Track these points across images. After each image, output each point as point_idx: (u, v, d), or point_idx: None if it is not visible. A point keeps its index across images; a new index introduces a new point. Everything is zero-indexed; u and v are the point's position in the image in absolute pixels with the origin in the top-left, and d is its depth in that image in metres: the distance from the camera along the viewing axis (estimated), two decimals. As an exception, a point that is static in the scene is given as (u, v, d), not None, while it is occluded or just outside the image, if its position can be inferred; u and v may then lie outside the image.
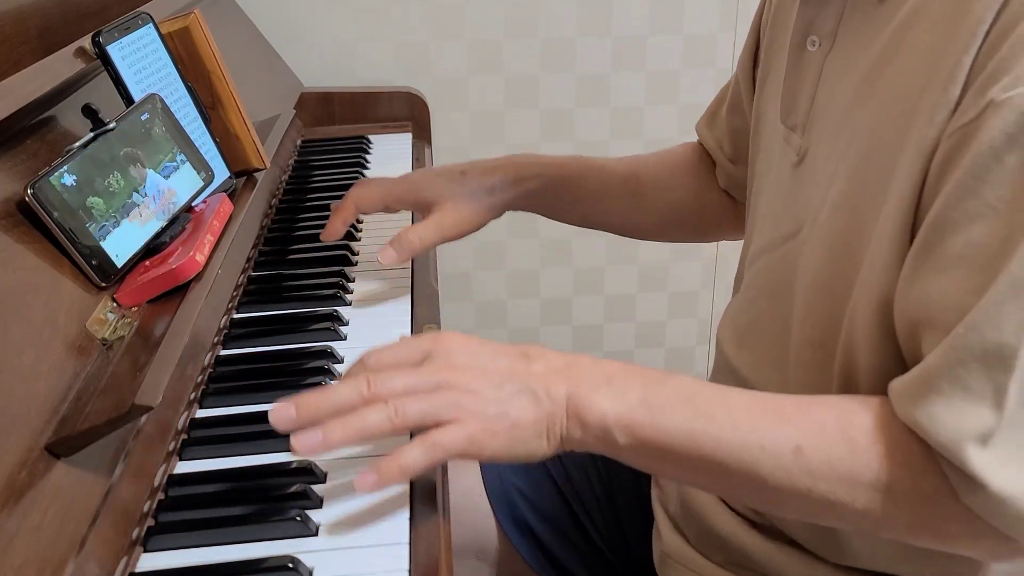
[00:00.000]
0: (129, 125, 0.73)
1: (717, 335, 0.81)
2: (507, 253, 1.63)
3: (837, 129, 0.65)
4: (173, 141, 0.78)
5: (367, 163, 1.25)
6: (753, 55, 0.83)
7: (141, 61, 0.80)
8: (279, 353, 0.78)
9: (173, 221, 0.75)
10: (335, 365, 0.76)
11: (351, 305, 0.86)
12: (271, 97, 1.26)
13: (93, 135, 0.70)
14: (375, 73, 1.48)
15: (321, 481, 0.62)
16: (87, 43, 0.76)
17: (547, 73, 1.52)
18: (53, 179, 0.64)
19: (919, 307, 0.55)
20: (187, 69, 0.86)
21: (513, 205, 0.90)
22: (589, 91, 1.54)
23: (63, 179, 0.65)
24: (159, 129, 0.77)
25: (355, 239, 1.00)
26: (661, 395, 0.59)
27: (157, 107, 0.77)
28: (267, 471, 0.63)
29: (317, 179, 1.17)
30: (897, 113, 0.58)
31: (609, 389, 0.59)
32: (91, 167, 0.68)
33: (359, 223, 1.04)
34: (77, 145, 0.68)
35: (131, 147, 0.73)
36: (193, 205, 0.80)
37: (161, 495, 0.61)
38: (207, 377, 0.74)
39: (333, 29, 1.46)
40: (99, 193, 0.68)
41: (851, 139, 0.62)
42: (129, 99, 0.78)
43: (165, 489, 0.62)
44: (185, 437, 0.67)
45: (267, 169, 0.94)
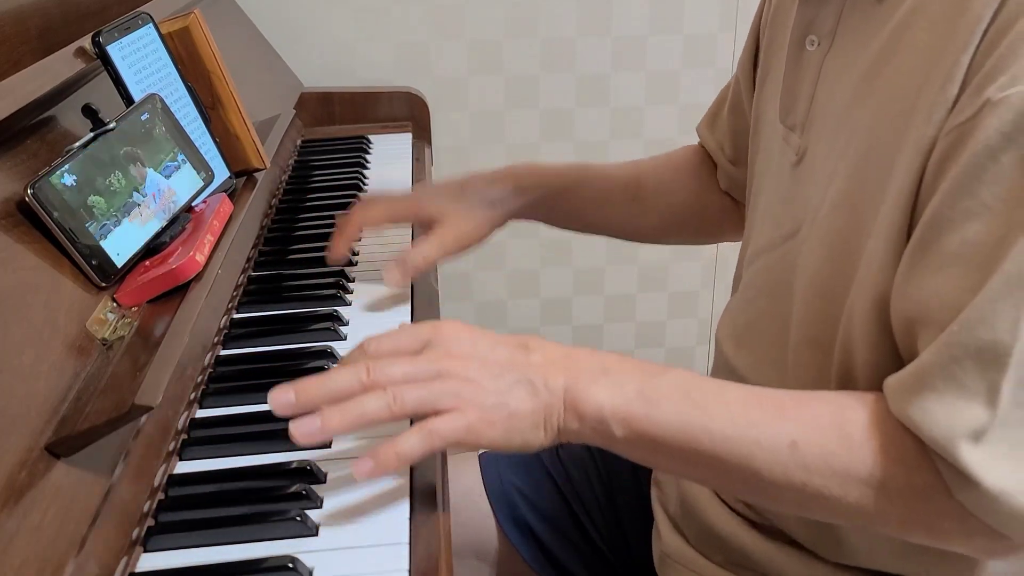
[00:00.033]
0: (129, 125, 0.73)
1: (716, 335, 0.81)
2: (507, 253, 1.63)
3: (836, 128, 0.65)
4: (173, 141, 0.78)
5: (367, 163, 1.25)
6: (753, 55, 0.83)
7: (141, 61, 0.80)
8: (279, 353, 0.78)
9: (173, 221, 0.75)
10: (335, 365, 0.75)
11: (351, 305, 0.86)
12: (271, 97, 1.26)
13: (93, 135, 0.70)
14: (375, 73, 1.48)
15: (321, 481, 0.62)
16: (87, 43, 0.76)
17: (547, 73, 1.52)
18: (53, 179, 0.64)
19: (915, 305, 0.56)
20: (187, 69, 0.86)
21: (515, 216, 0.91)
22: (589, 91, 1.54)
23: (63, 179, 0.65)
24: (159, 129, 0.77)
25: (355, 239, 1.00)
26: (658, 388, 0.60)
27: (157, 107, 0.77)
28: (267, 471, 0.63)
29: (317, 179, 1.17)
30: (896, 112, 0.58)
31: (606, 381, 0.60)
32: (91, 167, 0.68)
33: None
34: (77, 145, 0.68)
35: (131, 147, 0.73)
36: (193, 205, 0.80)
37: (161, 495, 0.61)
38: (207, 377, 0.74)
39: (333, 29, 1.46)
40: (99, 193, 0.68)
41: (850, 138, 0.62)
42: (129, 99, 0.78)
43: (165, 489, 0.62)
44: (185, 437, 0.67)
45: (267, 169, 0.94)
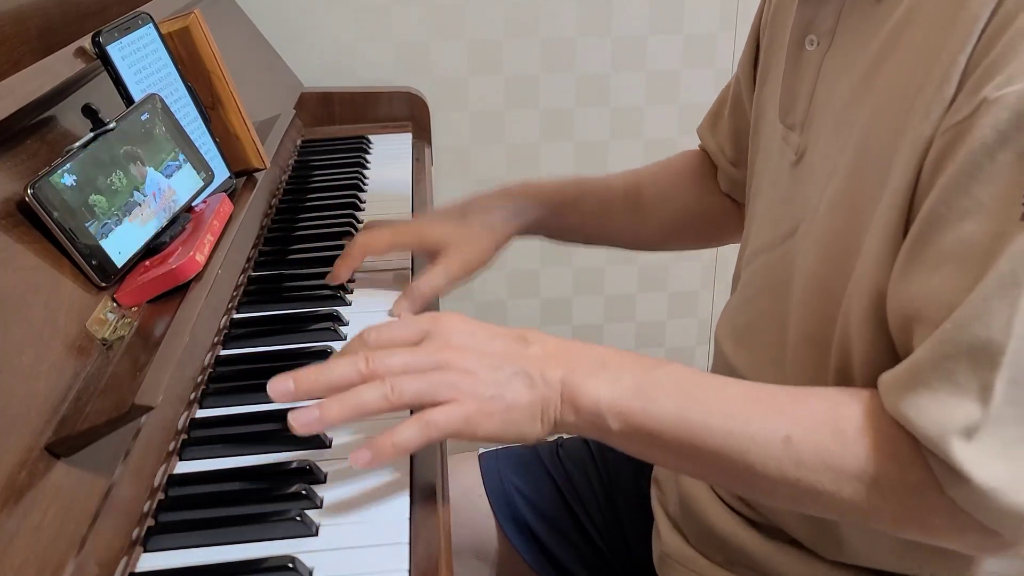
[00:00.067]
0: (129, 125, 0.73)
1: (715, 334, 0.81)
2: (507, 253, 1.61)
3: (835, 127, 0.65)
4: (173, 141, 0.78)
5: (367, 163, 1.25)
6: (753, 55, 0.83)
7: (141, 61, 0.80)
8: (279, 353, 0.78)
9: (173, 221, 0.75)
10: (335, 353, 0.75)
11: (351, 305, 0.86)
12: (271, 97, 1.26)
13: (93, 135, 0.70)
14: (375, 73, 1.48)
15: (321, 481, 0.62)
16: (87, 43, 0.76)
17: (547, 73, 1.52)
18: (53, 179, 0.64)
19: (911, 302, 0.56)
20: (187, 69, 0.86)
21: (517, 235, 0.92)
22: (589, 91, 1.54)
23: (63, 179, 0.65)
24: (159, 129, 0.77)
25: (355, 239, 1.00)
26: (654, 382, 0.60)
27: (157, 107, 0.77)
28: (267, 471, 0.63)
29: (317, 179, 1.17)
30: (894, 111, 0.58)
31: (603, 375, 0.60)
32: (91, 167, 0.68)
33: (359, 222, 1.04)
34: (77, 145, 0.68)
35: (131, 147, 0.73)
36: (193, 205, 0.80)
37: (161, 495, 0.61)
38: (207, 377, 0.74)
39: (333, 29, 1.46)
40: (99, 193, 0.68)
41: (848, 137, 0.62)
42: (129, 99, 0.78)
43: (165, 489, 0.62)
44: (185, 437, 0.67)
45: (267, 169, 0.94)
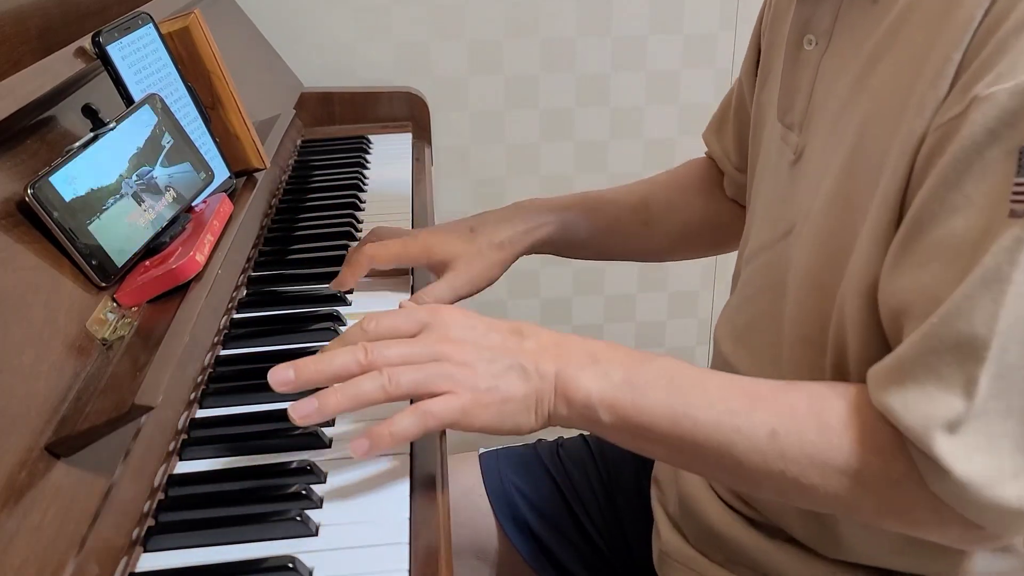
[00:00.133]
0: (129, 125, 0.73)
1: (715, 333, 0.82)
2: (507, 253, 1.63)
3: (832, 126, 0.65)
4: (173, 141, 0.78)
5: (367, 163, 1.25)
6: (755, 59, 0.83)
7: (141, 61, 0.80)
8: (279, 353, 0.77)
9: (173, 221, 0.75)
10: (334, 340, 0.75)
11: (351, 305, 0.86)
12: (271, 97, 1.26)
13: (93, 135, 0.70)
14: (375, 73, 1.48)
15: (321, 481, 0.62)
16: (87, 43, 0.76)
17: (547, 73, 1.52)
18: (53, 179, 0.64)
19: (901, 297, 0.56)
20: (187, 69, 0.86)
21: (526, 253, 0.92)
22: (589, 91, 1.54)
23: (63, 179, 0.65)
24: (159, 129, 0.77)
25: (355, 239, 1.00)
26: (644, 376, 0.61)
27: (157, 107, 0.77)
28: (267, 471, 0.63)
29: (317, 179, 1.17)
30: (889, 108, 0.59)
31: (595, 369, 0.61)
32: (91, 167, 0.68)
33: (359, 222, 1.04)
34: (77, 145, 0.68)
35: (131, 147, 0.73)
36: (193, 205, 0.80)
37: (161, 495, 0.61)
38: (207, 377, 0.74)
39: (333, 29, 1.46)
40: (99, 193, 0.68)
41: (844, 136, 0.63)
42: (129, 99, 0.78)
43: (165, 489, 0.62)
44: (185, 437, 0.67)
45: (267, 169, 0.94)
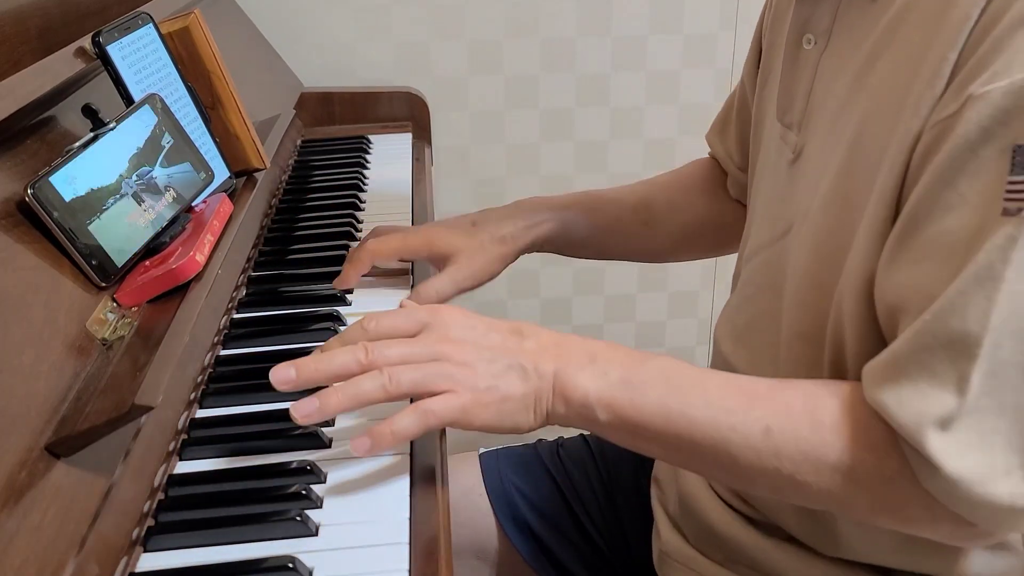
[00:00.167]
0: (129, 125, 0.73)
1: (715, 332, 0.82)
2: (507, 253, 1.63)
3: (831, 126, 0.65)
4: (173, 141, 0.78)
5: (367, 163, 1.25)
6: (756, 59, 0.84)
7: (141, 61, 0.80)
8: (279, 353, 0.77)
9: (173, 221, 0.75)
10: (335, 337, 0.75)
11: (351, 305, 0.86)
12: (271, 97, 1.26)
13: (93, 135, 0.70)
14: (375, 73, 1.48)
15: (321, 481, 0.62)
16: (87, 43, 0.76)
17: (547, 73, 1.52)
18: (53, 179, 0.64)
19: (896, 293, 0.57)
20: (187, 69, 0.86)
21: (527, 250, 0.92)
22: (589, 91, 1.54)
23: (63, 179, 0.65)
24: (159, 129, 0.77)
25: (355, 239, 1.00)
26: (641, 375, 0.62)
27: (157, 107, 0.77)
28: (267, 471, 0.63)
29: (317, 179, 1.17)
30: (886, 107, 0.59)
31: (592, 368, 0.62)
32: (91, 167, 0.68)
33: (359, 222, 1.04)
34: (77, 145, 0.68)
35: (131, 147, 0.73)
36: (193, 205, 0.80)
37: (161, 495, 0.61)
38: (207, 377, 0.74)
39: (333, 29, 1.46)
40: (99, 193, 0.68)
41: (843, 135, 0.63)
42: (129, 99, 0.78)
43: (165, 489, 0.62)
44: (185, 437, 0.67)
45: (267, 169, 0.94)
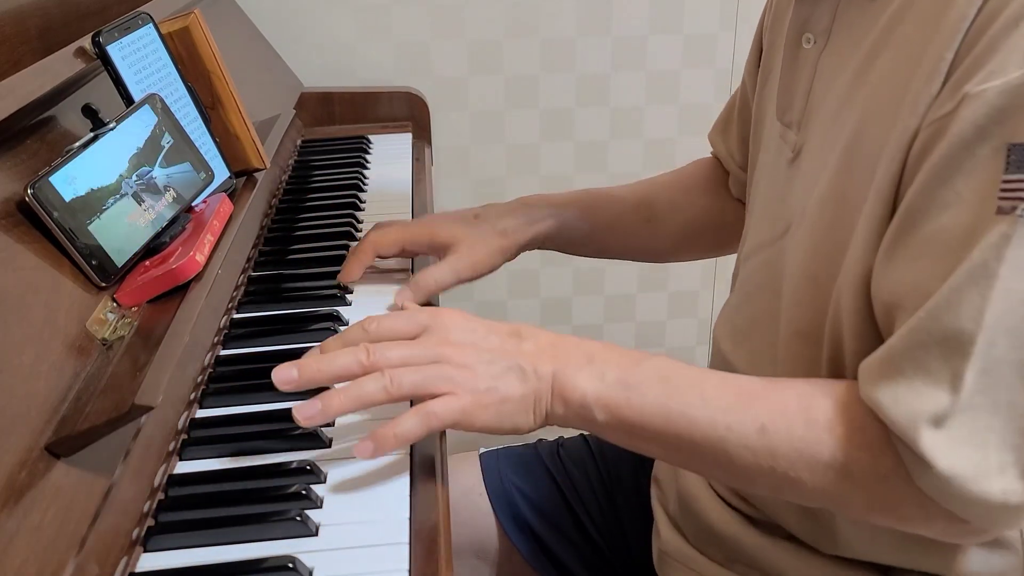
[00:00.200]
0: (129, 125, 0.73)
1: (714, 332, 0.82)
2: (507, 253, 1.63)
3: (830, 124, 0.65)
4: (173, 141, 0.78)
5: (367, 163, 1.25)
6: (757, 59, 0.84)
7: (141, 61, 0.80)
8: (279, 353, 0.77)
9: (173, 221, 0.75)
10: (336, 335, 0.75)
11: (351, 305, 0.86)
12: (271, 97, 1.26)
13: (93, 135, 0.70)
14: (375, 73, 1.48)
15: (321, 481, 0.62)
16: (87, 43, 0.76)
17: (547, 73, 1.52)
18: (53, 179, 0.64)
19: (893, 291, 0.57)
20: (187, 69, 0.86)
21: (528, 246, 0.93)
22: (589, 91, 1.54)
23: (63, 179, 0.65)
24: (159, 129, 0.77)
25: (355, 239, 1.00)
26: (638, 375, 0.62)
27: (157, 107, 0.77)
28: (267, 471, 0.63)
29: (317, 179, 1.17)
30: (884, 107, 0.59)
31: (590, 369, 0.62)
32: (91, 167, 0.68)
33: (359, 222, 1.04)
34: (77, 145, 0.68)
35: (131, 147, 0.73)
36: (193, 205, 0.80)
37: (161, 495, 0.61)
38: (207, 377, 0.74)
39: (333, 29, 1.46)
40: (99, 193, 0.68)
41: (842, 133, 0.63)
42: (129, 99, 0.78)
43: (165, 489, 0.62)
44: (185, 437, 0.67)
45: (267, 169, 0.94)
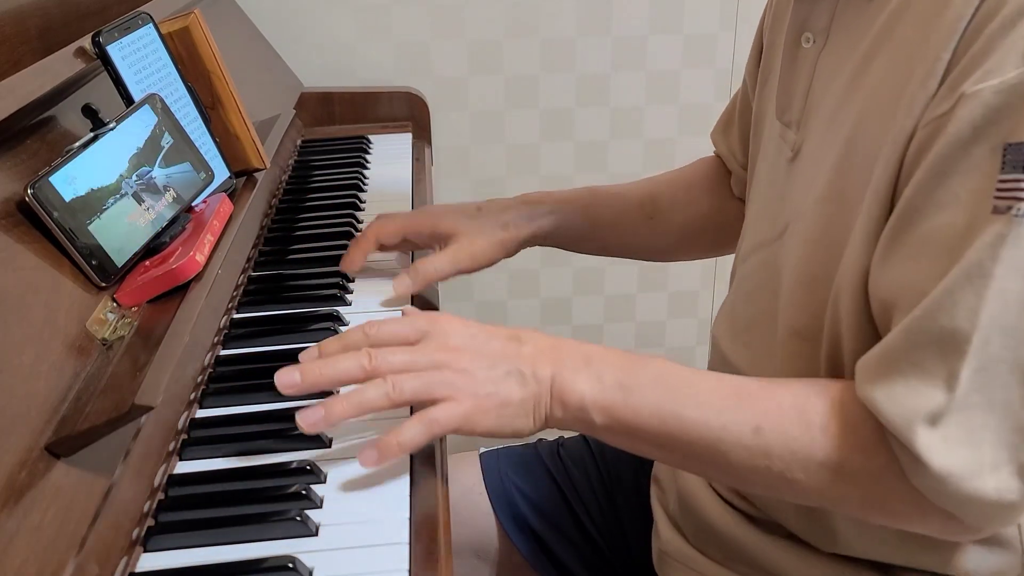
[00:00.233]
0: (129, 125, 0.73)
1: (713, 331, 0.82)
2: (507, 253, 1.63)
3: (829, 123, 0.66)
4: (173, 141, 0.78)
5: (367, 163, 1.25)
6: (758, 59, 0.84)
7: (141, 61, 0.80)
8: (279, 353, 0.78)
9: (173, 221, 0.75)
10: (335, 337, 0.75)
11: (351, 305, 0.86)
12: (271, 97, 1.26)
13: (93, 135, 0.70)
14: (375, 73, 1.48)
15: (321, 481, 0.63)
16: (87, 43, 0.76)
17: (547, 73, 1.52)
18: (53, 179, 0.64)
19: (890, 290, 0.57)
20: (187, 69, 0.86)
21: (529, 243, 0.93)
22: (589, 91, 1.54)
23: (63, 179, 0.65)
24: (159, 129, 0.77)
25: (355, 239, 1.00)
26: (635, 378, 0.62)
27: (157, 107, 0.77)
28: (267, 471, 0.63)
29: (317, 179, 1.17)
30: (882, 105, 0.59)
31: (588, 372, 0.62)
32: (91, 167, 0.68)
33: (359, 222, 1.04)
34: (77, 145, 0.68)
35: (131, 147, 0.73)
36: (193, 205, 0.80)
37: (161, 495, 0.61)
38: (207, 377, 0.74)
39: (333, 29, 1.46)
40: (99, 193, 0.68)
41: (840, 132, 0.63)
42: (129, 99, 0.78)
43: (165, 489, 0.62)
44: (185, 437, 0.67)
45: (267, 169, 0.94)
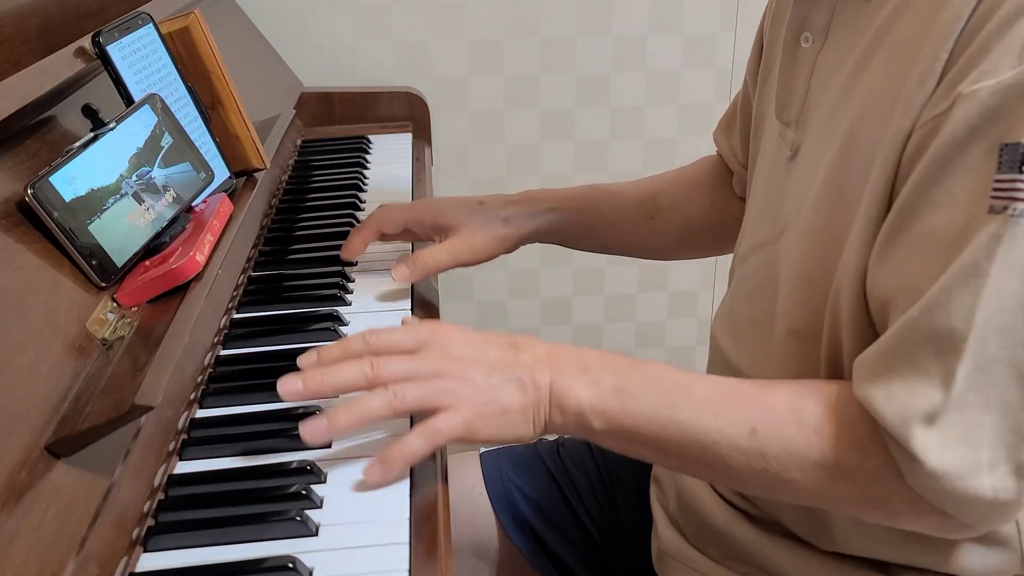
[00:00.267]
0: (129, 125, 0.73)
1: (712, 330, 0.82)
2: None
3: (827, 123, 0.66)
4: (173, 141, 0.78)
5: (367, 163, 1.25)
6: (758, 59, 0.84)
7: (141, 61, 0.80)
8: (279, 353, 0.78)
9: (173, 221, 0.75)
10: (337, 342, 0.75)
11: (351, 305, 0.86)
12: (271, 97, 1.26)
13: (93, 135, 0.70)
14: (375, 73, 1.48)
15: (321, 481, 0.62)
16: (87, 43, 0.76)
17: (547, 73, 1.52)
18: (53, 179, 0.64)
19: (887, 289, 0.57)
20: (187, 69, 0.86)
21: (529, 239, 0.93)
22: (589, 91, 1.54)
23: (63, 179, 0.65)
24: (159, 129, 0.77)
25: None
26: (632, 382, 0.63)
27: (157, 107, 0.77)
28: (267, 471, 0.63)
29: (317, 179, 1.17)
30: (879, 106, 0.59)
31: (585, 378, 0.63)
32: (91, 167, 0.68)
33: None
34: (77, 145, 0.68)
35: (131, 147, 0.73)
36: (193, 205, 0.80)
37: (161, 495, 0.61)
38: (207, 377, 0.74)
39: (333, 29, 1.46)
40: (99, 193, 0.68)
41: (837, 132, 0.64)
42: (129, 99, 0.78)
43: (165, 489, 0.62)
44: (185, 437, 0.67)
45: (267, 169, 0.94)
